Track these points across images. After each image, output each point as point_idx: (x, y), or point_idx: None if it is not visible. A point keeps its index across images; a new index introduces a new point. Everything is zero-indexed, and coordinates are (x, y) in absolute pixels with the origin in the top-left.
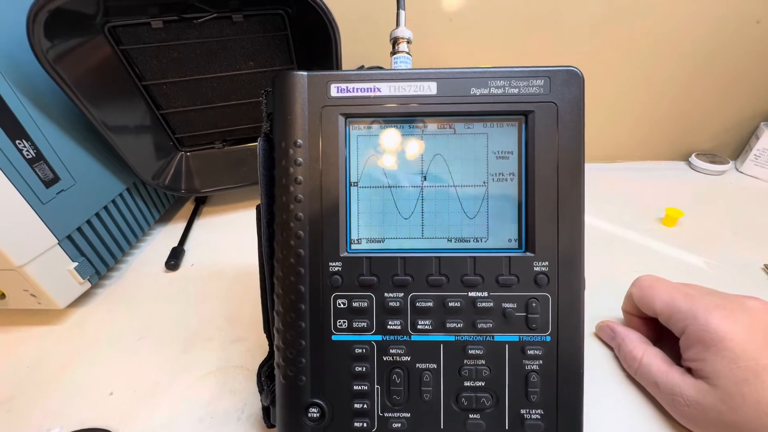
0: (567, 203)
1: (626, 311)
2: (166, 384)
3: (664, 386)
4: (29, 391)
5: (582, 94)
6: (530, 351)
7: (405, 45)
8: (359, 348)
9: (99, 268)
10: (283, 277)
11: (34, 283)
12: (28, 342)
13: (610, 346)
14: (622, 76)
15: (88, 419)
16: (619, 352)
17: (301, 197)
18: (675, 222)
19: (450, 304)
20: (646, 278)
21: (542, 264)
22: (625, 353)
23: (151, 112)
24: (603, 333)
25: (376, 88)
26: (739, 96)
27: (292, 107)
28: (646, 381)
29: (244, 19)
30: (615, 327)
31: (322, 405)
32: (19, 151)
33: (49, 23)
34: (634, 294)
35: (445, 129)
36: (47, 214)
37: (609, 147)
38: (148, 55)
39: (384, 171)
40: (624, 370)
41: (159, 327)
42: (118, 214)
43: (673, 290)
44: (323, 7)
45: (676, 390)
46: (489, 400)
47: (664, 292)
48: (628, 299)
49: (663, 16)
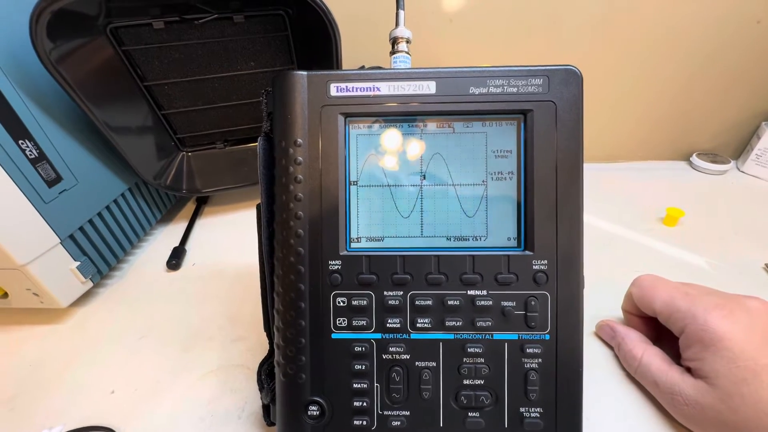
0: (566, 202)
1: (626, 310)
2: (167, 383)
3: (663, 385)
4: (32, 389)
5: (581, 93)
6: (529, 349)
7: (404, 45)
8: (359, 346)
9: (101, 267)
10: (283, 276)
11: (37, 282)
12: (31, 341)
13: (610, 345)
14: (622, 76)
15: (89, 417)
16: (619, 351)
17: (301, 196)
18: (676, 222)
19: (449, 302)
20: (646, 278)
21: (541, 262)
22: (625, 352)
23: (153, 112)
24: (603, 332)
25: (376, 88)
26: (739, 95)
27: (292, 107)
28: (646, 380)
29: (245, 20)
30: (615, 326)
31: (321, 403)
32: (22, 151)
33: (51, 24)
34: (634, 293)
35: (444, 128)
36: (50, 214)
37: (610, 147)
38: (150, 55)
39: (383, 170)
40: (624, 369)
41: (160, 326)
42: (120, 213)
43: (672, 290)
44: (323, 7)
45: (676, 389)
46: (488, 399)
47: (663, 292)
48: (627, 299)
49: (663, 16)
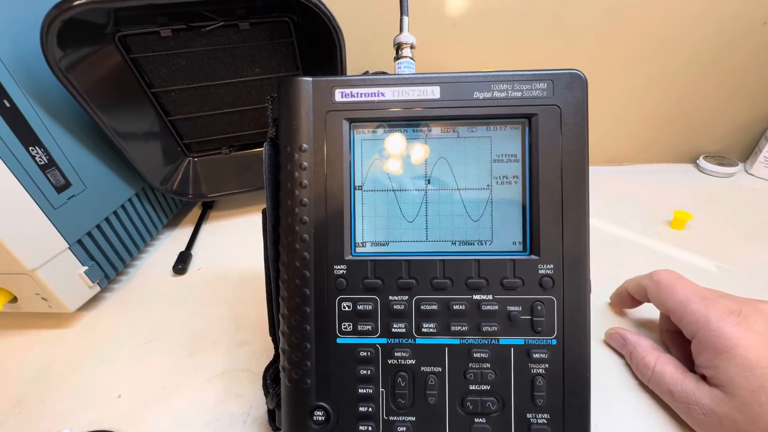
0: (571, 205)
1: (629, 292)
2: (173, 387)
3: (679, 395)
4: (39, 393)
5: (585, 97)
6: (536, 354)
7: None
8: (364, 351)
9: (108, 272)
10: (288, 280)
11: (45, 286)
12: (39, 345)
13: (621, 352)
14: (628, 78)
15: (96, 421)
16: (630, 360)
17: (307, 201)
18: (683, 225)
19: (454, 307)
20: (666, 274)
21: (547, 267)
22: (637, 361)
23: (160, 118)
24: (613, 340)
25: (380, 93)
26: (746, 97)
27: (298, 112)
28: (660, 389)
29: (250, 27)
30: (625, 334)
31: (327, 408)
32: (32, 158)
33: (62, 33)
34: (650, 287)
35: (448, 133)
36: (58, 219)
37: (615, 150)
38: (157, 63)
39: (388, 175)
40: (635, 377)
41: (166, 330)
42: (127, 218)
43: (690, 291)
44: (328, 14)
45: (692, 398)
46: (495, 404)
47: (681, 292)
48: (637, 287)
49: (668, 18)
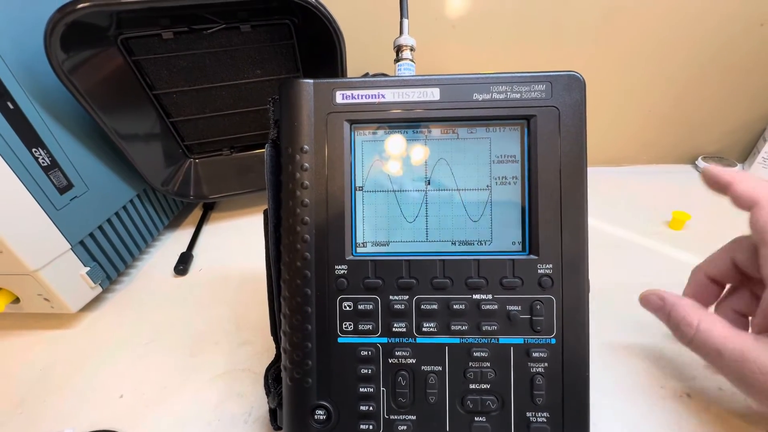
0: (570, 206)
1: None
2: (175, 387)
3: (730, 354)
4: (41, 393)
5: (583, 98)
6: (535, 353)
7: (408, 52)
8: (365, 350)
9: (110, 272)
10: (289, 280)
11: (48, 287)
12: (41, 345)
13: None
14: (626, 79)
15: (98, 421)
16: (669, 320)
17: (308, 201)
18: (682, 225)
19: (454, 306)
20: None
21: (546, 266)
22: (677, 321)
23: (161, 120)
24: (648, 302)
25: (381, 95)
26: (744, 98)
27: (299, 114)
28: (706, 350)
29: (251, 30)
30: (663, 294)
31: (328, 407)
32: (35, 159)
33: (65, 36)
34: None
35: (448, 134)
36: (61, 220)
37: (614, 150)
38: (159, 65)
39: (389, 176)
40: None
41: (167, 331)
42: (129, 219)
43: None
44: (328, 16)
45: (749, 355)
46: (494, 403)
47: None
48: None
49: (666, 19)
